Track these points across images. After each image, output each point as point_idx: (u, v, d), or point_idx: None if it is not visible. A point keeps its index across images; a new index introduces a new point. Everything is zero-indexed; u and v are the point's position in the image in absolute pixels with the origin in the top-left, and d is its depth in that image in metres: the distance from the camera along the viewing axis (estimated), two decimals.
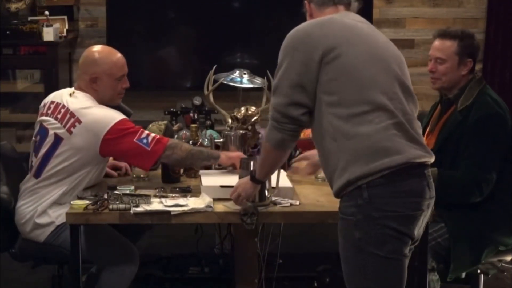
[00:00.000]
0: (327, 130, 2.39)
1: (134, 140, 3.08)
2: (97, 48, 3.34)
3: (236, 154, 3.24)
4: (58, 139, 3.17)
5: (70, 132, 3.14)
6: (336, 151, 2.37)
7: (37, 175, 3.22)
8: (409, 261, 2.44)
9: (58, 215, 3.16)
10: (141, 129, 3.14)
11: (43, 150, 3.20)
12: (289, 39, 2.47)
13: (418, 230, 2.42)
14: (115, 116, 3.15)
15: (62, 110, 3.19)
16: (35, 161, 3.24)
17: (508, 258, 3.34)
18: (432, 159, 2.44)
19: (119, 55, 3.31)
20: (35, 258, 3.40)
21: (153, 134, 3.14)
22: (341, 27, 2.44)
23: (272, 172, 2.68)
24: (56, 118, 3.19)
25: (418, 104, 2.52)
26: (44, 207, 3.17)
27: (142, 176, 3.29)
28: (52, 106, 3.24)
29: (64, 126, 3.15)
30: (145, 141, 3.08)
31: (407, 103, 2.43)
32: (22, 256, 3.38)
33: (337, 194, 2.42)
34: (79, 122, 3.13)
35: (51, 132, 3.18)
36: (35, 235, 3.21)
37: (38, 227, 3.19)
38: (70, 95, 3.24)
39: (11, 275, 4.23)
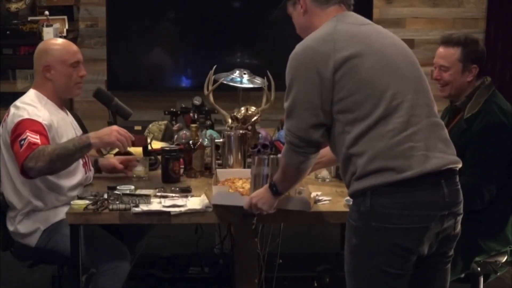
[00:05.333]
0: (341, 146, 2.33)
1: (18, 140, 3.00)
2: (49, 40, 3.36)
3: (105, 132, 3.07)
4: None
5: (2, 126, 3.18)
6: (350, 164, 2.32)
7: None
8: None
9: (42, 220, 3.16)
10: (27, 130, 2.99)
11: None
12: (296, 58, 2.33)
13: (433, 244, 2.33)
14: (20, 115, 3.07)
15: None
16: None
17: (502, 259, 3.33)
18: (457, 164, 2.34)
19: (72, 44, 3.29)
20: (32, 259, 3.41)
21: (30, 138, 2.98)
22: (348, 38, 2.32)
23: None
24: None
25: (434, 104, 2.40)
26: (21, 216, 3.17)
27: (142, 176, 3.29)
28: None
29: (3, 120, 3.19)
30: (22, 142, 2.97)
31: (427, 106, 2.33)
32: (20, 256, 3.39)
33: (350, 196, 2.38)
34: (8, 115, 3.14)
35: None
36: (25, 241, 3.21)
37: (25, 236, 3.20)
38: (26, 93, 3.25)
39: (11, 275, 4.23)
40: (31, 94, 3.21)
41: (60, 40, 3.33)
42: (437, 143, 2.31)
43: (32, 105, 3.12)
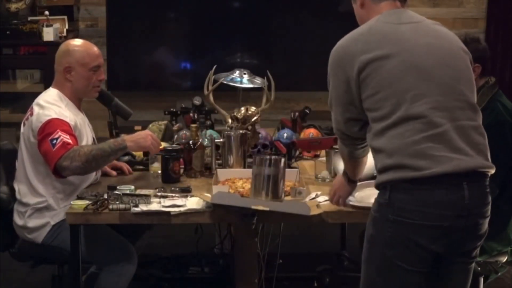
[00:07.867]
0: (368, 139, 2.41)
1: (48, 139, 3.04)
2: (72, 40, 3.36)
3: (140, 136, 3.18)
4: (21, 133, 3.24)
5: (24, 124, 3.20)
6: (374, 157, 2.38)
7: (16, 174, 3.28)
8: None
9: (53, 215, 3.18)
10: (58, 130, 3.05)
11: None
12: (332, 55, 2.43)
13: (451, 244, 2.31)
14: (47, 114, 3.11)
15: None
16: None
17: (503, 259, 3.33)
18: (486, 169, 2.31)
19: (94, 47, 3.32)
20: (35, 258, 3.40)
21: (64, 137, 3.03)
22: (378, 39, 2.35)
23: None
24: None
25: (477, 109, 2.40)
26: (32, 211, 3.18)
27: (159, 172, 3.28)
28: None
29: (25, 118, 3.22)
30: (54, 141, 3.02)
31: (458, 109, 2.32)
32: (22, 256, 3.38)
33: (376, 188, 2.41)
34: (32, 114, 3.17)
35: None
36: (33, 237, 3.21)
37: (33, 231, 3.20)
38: (46, 91, 3.28)
39: (11, 275, 4.23)
40: (53, 94, 3.24)
41: (82, 42, 3.33)
42: (464, 147, 2.30)
43: (57, 105, 3.17)
